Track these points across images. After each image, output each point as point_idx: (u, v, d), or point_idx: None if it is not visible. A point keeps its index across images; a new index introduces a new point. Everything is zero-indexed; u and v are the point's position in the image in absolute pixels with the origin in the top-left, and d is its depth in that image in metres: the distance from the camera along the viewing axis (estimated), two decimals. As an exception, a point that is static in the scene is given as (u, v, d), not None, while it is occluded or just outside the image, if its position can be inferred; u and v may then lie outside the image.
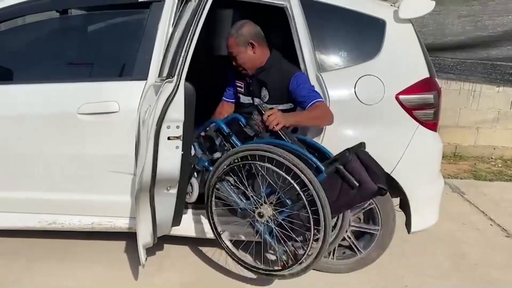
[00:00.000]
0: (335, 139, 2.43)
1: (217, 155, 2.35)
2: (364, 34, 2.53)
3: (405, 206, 2.61)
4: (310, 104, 2.31)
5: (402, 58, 2.51)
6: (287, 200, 2.08)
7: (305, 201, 1.97)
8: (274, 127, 2.14)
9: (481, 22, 4.86)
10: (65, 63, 2.53)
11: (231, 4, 2.69)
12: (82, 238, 2.79)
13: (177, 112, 1.86)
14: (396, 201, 2.66)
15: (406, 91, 2.44)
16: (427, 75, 2.49)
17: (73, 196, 2.49)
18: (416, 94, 2.46)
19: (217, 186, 2.22)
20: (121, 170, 2.43)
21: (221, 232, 2.35)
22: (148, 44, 2.40)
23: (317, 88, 2.43)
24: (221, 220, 2.35)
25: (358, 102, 2.42)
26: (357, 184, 2.04)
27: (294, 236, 2.09)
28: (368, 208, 2.53)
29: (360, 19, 2.51)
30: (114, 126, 2.38)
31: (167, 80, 1.88)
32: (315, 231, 2.01)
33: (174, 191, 2.02)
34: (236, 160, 2.16)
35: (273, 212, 2.09)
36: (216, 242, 2.41)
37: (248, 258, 2.48)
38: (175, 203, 2.10)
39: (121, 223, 2.53)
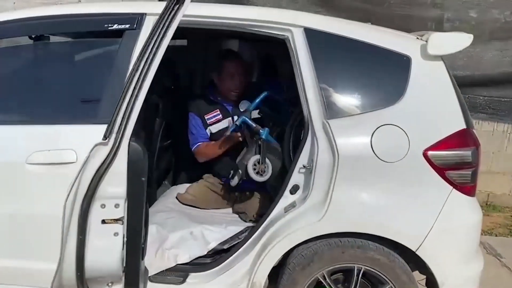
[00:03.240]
0: (345, 203, 1.93)
1: None
2: (384, 73, 2.05)
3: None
4: None
5: (431, 104, 2.01)
6: None
7: None
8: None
9: (519, 56, 4.34)
10: (14, 101, 2.09)
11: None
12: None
13: (116, 185, 1.39)
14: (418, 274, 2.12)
15: (437, 146, 1.93)
16: (463, 125, 1.98)
17: (13, 263, 1.99)
18: (449, 150, 1.95)
19: None
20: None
21: None
22: (118, 81, 1.95)
23: (323, 139, 1.96)
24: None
25: (375, 158, 1.91)
26: None
27: None
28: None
29: (379, 54, 2.04)
30: (70, 180, 1.91)
31: (99, 142, 1.41)
32: None
33: (119, 286, 1.52)
34: None
35: None
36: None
37: None
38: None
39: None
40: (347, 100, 2.04)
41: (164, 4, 1.90)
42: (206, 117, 2.65)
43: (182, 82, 3.39)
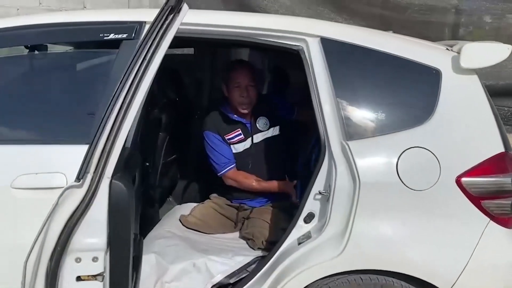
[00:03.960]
0: (366, 236, 1.71)
1: None
2: (411, 89, 1.83)
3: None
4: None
5: (465, 123, 1.78)
6: None
7: None
8: None
9: (547, 63, 4.08)
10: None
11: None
12: None
13: (94, 235, 1.16)
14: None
15: (472, 172, 1.70)
16: (501, 148, 1.75)
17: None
18: (486, 177, 1.71)
19: None
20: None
21: None
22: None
23: (342, 163, 1.75)
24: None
25: (401, 185, 1.69)
26: None
27: None
28: None
29: (405, 67, 1.82)
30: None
31: (71, 185, 1.19)
32: None
33: None
34: None
35: None
36: None
37: None
38: None
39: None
40: (369, 119, 1.81)
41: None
42: (226, 137, 2.42)
43: (188, 93, 3.20)
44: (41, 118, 1.86)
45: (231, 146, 2.43)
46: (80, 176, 1.16)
